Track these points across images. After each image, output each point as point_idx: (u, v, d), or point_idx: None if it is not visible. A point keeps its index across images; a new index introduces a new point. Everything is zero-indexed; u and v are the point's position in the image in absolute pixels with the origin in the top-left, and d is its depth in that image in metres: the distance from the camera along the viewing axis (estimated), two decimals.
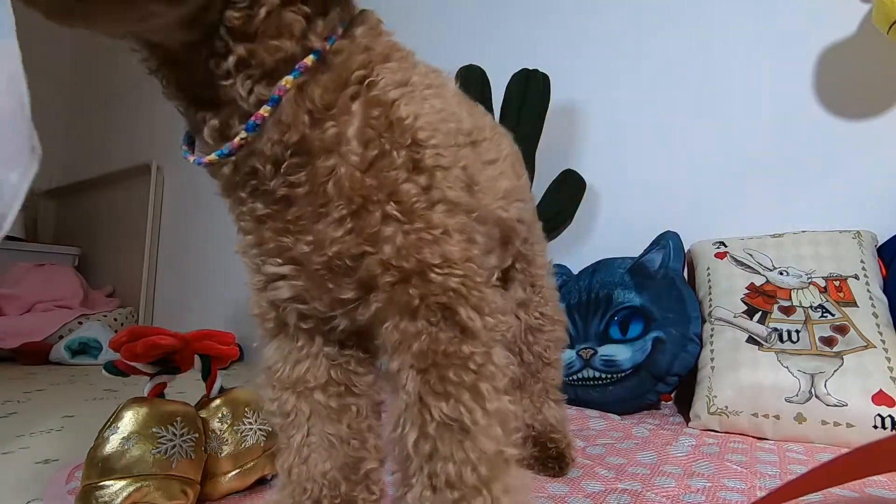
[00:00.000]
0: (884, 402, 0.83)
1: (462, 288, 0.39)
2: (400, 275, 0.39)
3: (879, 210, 1.08)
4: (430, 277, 0.39)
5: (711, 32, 1.30)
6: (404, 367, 0.39)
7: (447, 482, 0.36)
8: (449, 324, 0.39)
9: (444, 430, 0.37)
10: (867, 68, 1.11)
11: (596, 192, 1.41)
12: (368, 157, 0.39)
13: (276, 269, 0.42)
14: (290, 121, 0.38)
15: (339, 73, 0.40)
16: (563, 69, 1.38)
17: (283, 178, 0.39)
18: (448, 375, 0.37)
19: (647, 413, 1.08)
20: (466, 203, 0.43)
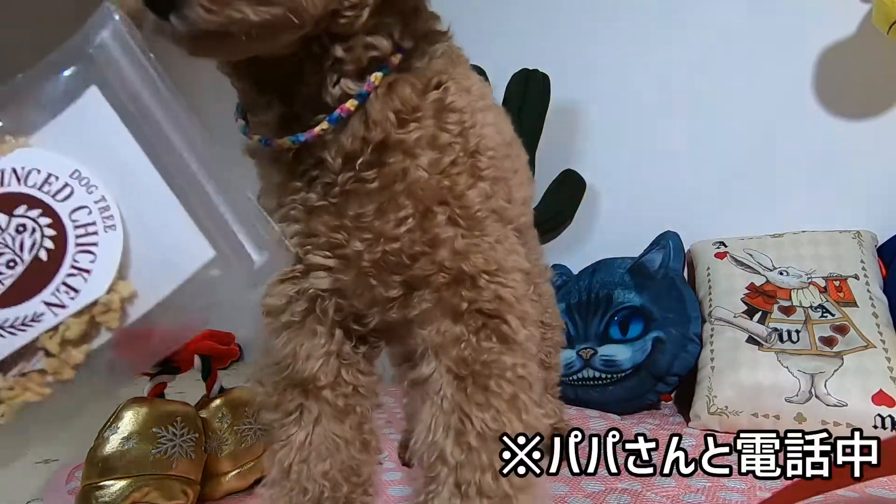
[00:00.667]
0: (884, 402, 0.83)
1: (511, 297, 0.40)
2: (452, 277, 0.40)
3: (879, 210, 1.08)
4: (481, 284, 0.40)
5: (712, 32, 1.30)
6: (441, 373, 0.39)
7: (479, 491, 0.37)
8: (491, 333, 0.40)
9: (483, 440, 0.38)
10: (867, 68, 1.11)
11: (596, 192, 1.41)
12: (443, 163, 0.40)
13: (322, 261, 0.43)
14: (379, 118, 0.39)
15: (423, 75, 0.41)
16: (563, 69, 1.38)
17: (352, 173, 0.40)
18: (490, 385, 0.38)
19: (647, 413, 1.07)
20: (509, 215, 0.44)
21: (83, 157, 0.24)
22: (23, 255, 0.23)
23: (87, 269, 0.22)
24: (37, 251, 0.23)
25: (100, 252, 0.22)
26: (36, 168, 0.23)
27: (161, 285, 0.22)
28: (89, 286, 0.22)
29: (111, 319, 0.22)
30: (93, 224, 0.23)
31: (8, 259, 0.23)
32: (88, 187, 0.23)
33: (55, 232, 0.23)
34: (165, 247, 0.23)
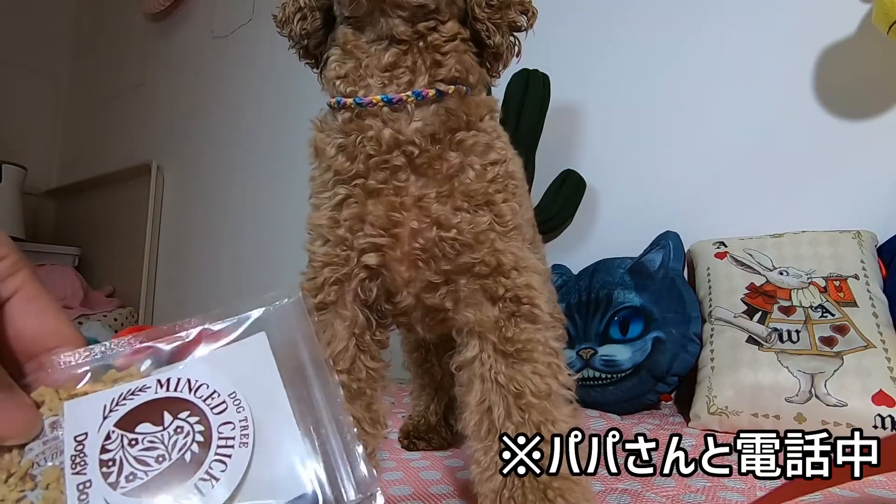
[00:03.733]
0: (884, 402, 0.83)
1: (537, 286, 0.50)
2: (491, 269, 0.49)
3: (879, 210, 1.08)
4: (513, 276, 0.49)
5: (712, 32, 1.30)
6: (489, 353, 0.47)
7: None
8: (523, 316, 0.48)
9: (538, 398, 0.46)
10: (867, 68, 1.11)
11: (596, 192, 1.41)
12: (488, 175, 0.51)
13: (375, 240, 0.49)
14: (455, 111, 0.50)
15: (484, 100, 0.54)
16: (563, 69, 1.38)
17: (425, 156, 0.49)
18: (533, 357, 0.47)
19: (647, 413, 1.07)
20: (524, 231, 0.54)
21: (240, 382, 0.29)
22: (172, 454, 0.26)
23: (217, 476, 0.26)
24: (183, 453, 0.26)
25: (230, 464, 0.26)
26: (205, 383, 0.28)
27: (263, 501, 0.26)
28: (213, 494, 0.25)
29: None
30: (232, 439, 0.27)
31: (158, 454, 0.26)
32: (238, 407, 0.28)
33: (203, 439, 0.27)
34: (276, 471, 0.27)
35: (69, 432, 0.27)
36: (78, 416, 0.27)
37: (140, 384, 0.28)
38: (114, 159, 2.81)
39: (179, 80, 2.62)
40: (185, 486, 0.25)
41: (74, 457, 0.26)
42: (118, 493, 0.25)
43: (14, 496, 0.25)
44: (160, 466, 0.26)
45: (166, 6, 2.59)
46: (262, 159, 2.21)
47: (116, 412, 0.27)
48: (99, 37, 3.13)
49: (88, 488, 0.25)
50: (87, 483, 0.25)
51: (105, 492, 0.25)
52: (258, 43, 2.21)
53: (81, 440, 0.26)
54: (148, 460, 0.26)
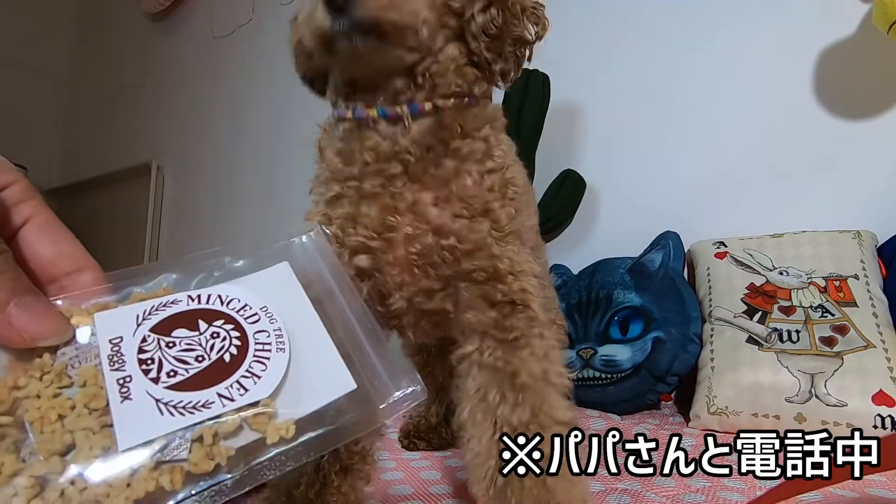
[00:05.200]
0: (884, 402, 0.83)
1: (532, 289, 0.51)
2: (489, 275, 0.50)
3: (879, 210, 1.08)
4: (509, 280, 0.50)
5: (712, 32, 1.30)
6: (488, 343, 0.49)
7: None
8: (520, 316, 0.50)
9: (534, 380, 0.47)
10: (867, 68, 1.11)
11: (596, 192, 1.41)
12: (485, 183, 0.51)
13: (365, 241, 0.50)
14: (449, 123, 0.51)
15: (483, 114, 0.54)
16: (563, 69, 1.38)
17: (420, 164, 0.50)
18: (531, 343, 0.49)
19: (647, 413, 1.07)
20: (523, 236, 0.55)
21: (269, 300, 0.30)
22: (210, 355, 0.27)
23: (259, 374, 0.27)
24: (222, 354, 0.27)
25: (270, 364, 0.27)
26: (237, 298, 0.30)
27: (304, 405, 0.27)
28: (256, 389, 0.26)
29: (260, 423, 0.26)
30: (269, 344, 0.28)
31: (197, 355, 0.27)
32: (271, 319, 0.29)
33: (241, 343, 0.28)
34: (315, 375, 0.28)
35: (103, 336, 0.27)
36: (110, 324, 0.27)
37: (171, 298, 0.29)
38: (114, 159, 2.81)
39: (179, 80, 2.62)
40: (228, 381, 0.26)
41: (112, 356, 0.26)
42: (160, 387, 0.25)
43: (51, 391, 0.25)
44: (200, 365, 0.26)
45: (166, 6, 2.59)
46: (262, 159, 2.21)
47: (150, 320, 0.28)
48: (99, 37, 3.13)
49: (129, 382, 0.25)
50: (128, 378, 0.25)
51: (147, 385, 0.25)
52: (258, 43, 2.21)
53: (117, 343, 0.27)
54: (188, 359, 0.27)
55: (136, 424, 0.24)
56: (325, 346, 0.29)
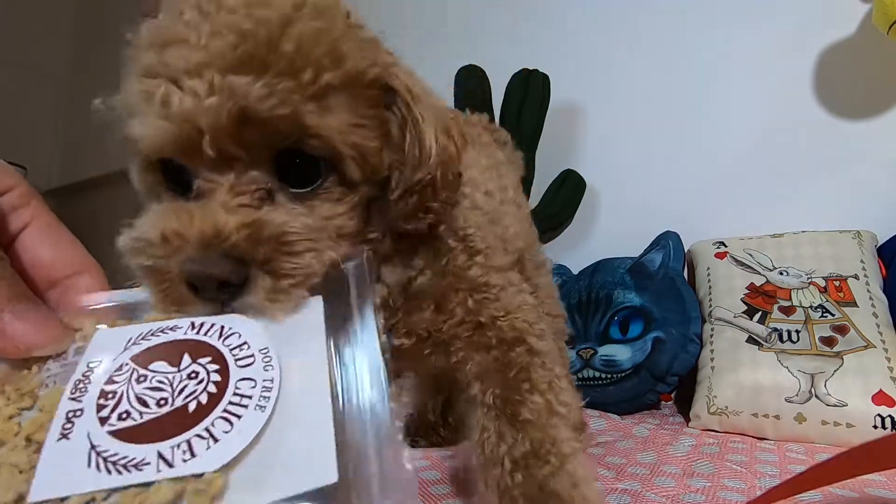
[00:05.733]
0: (884, 402, 0.83)
1: (524, 325, 0.50)
2: (474, 325, 0.49)
3: (879, 210, 1.08)
4: (499, 324, 0.49)
5: (712, 32, 1.30)
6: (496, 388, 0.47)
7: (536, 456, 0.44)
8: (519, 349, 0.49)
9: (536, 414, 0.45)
10: (867, 68, 1.11)
11: (596, 192, 1.41)
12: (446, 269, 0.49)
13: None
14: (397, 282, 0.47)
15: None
16: (563, 69, 1.38)
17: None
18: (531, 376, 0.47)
19: (647, 413, 1.07)
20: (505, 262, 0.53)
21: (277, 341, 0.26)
22: (176, 400, 0.23)
23: (218, 437, 0.22)
24: (189, 401, 0.23)
25: (239, 425, 0.23)
26: (237, 333, 0.26)
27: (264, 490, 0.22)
28: (209, 455, 0.22)
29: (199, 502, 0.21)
30: (249, 398, 0.23)
31: (161, 397, 0.23)
32: (267, 366, 0.25)
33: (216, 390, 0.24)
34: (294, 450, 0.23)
35: (86, 357, 0.25)
36: (102, 344, 0.26)
37: (173, 323, 0.26)
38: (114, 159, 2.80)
39: None
40: (179, 439, 0.22)
41: (78, 382, 0.24)
42: (103, 430, 0.22)
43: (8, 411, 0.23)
44: (159, 411, 0.23)
45: None
46: None
47: (139, 346, 0.25)
48: (99, 37, 3.13)
49: (77, 417, 0.23)
50: (79, 412, 0.23)
51: (91, 425, 0.23)
52: None
53: (93, 367, 0.24)
54: (149, 401, 0.23)
55: (58, 474, 0.21)
56: (321, 415, 0.24)
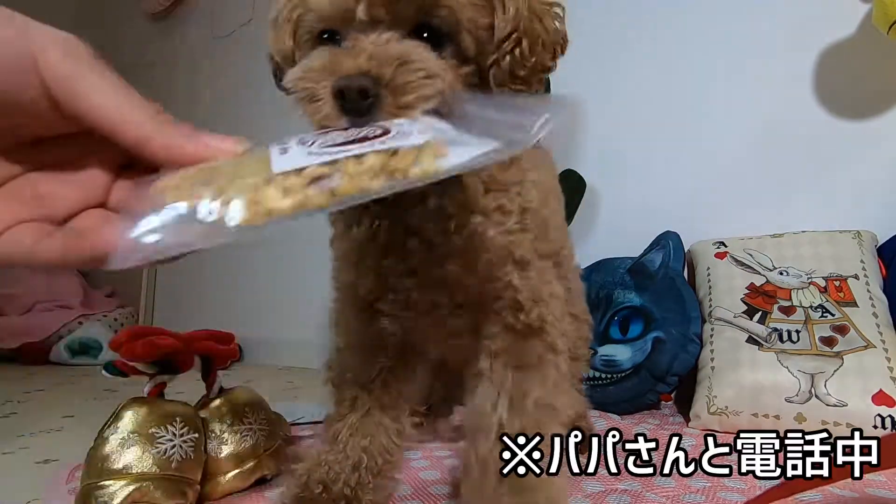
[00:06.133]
0: (884, 402, 0.83)
1: (550, 318, 0.51)
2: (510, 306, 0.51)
3: (879, 210, 1.08)
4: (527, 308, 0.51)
5: (711, 32, 1.30)
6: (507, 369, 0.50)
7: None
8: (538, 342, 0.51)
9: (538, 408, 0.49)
10: (867, 68, 1.11)
11: (596, 192, 1.41)
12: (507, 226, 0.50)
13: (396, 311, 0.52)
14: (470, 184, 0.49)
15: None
16: (563, 69, 1.37)
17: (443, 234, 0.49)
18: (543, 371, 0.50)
19: (647, 413, 1.07)
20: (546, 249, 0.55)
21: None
22: (358, 135, 0.30)
23: (400, 137, 0.29)
24: (369, 135, 0.30)
25: (414, 136, 0.29)
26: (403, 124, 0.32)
27: (451, 158, 0.28)
28: (403, 141, 0.28)
29: (402, 161, 0.27)
30: (413, 131, 0.30)
31: (347, 136, 0.30)
32: (415, 127, 0.31)
33: (385, 130, 0.30)
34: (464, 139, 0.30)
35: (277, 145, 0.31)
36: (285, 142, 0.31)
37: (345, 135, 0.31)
38: None
39: (179, 80, 2.62)
40: (369, 142, 0.28)
41: (280, 149, 0.30)
42: (311, 147, 0.29)
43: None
44: (348, 137, 0.30)
45: (166, 6, 2.59)
46: None
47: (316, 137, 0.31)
48: (99, 37, 3.13)
49: (286, 149, 0.29)
50: (286, 148, 0.30)
51: (300, 146, 0.29)
52: (258, 43, 2.19)
53: (284, 145, 0.30)
54: (338, 139, 0.29)
55: (288, 160, 0.28)
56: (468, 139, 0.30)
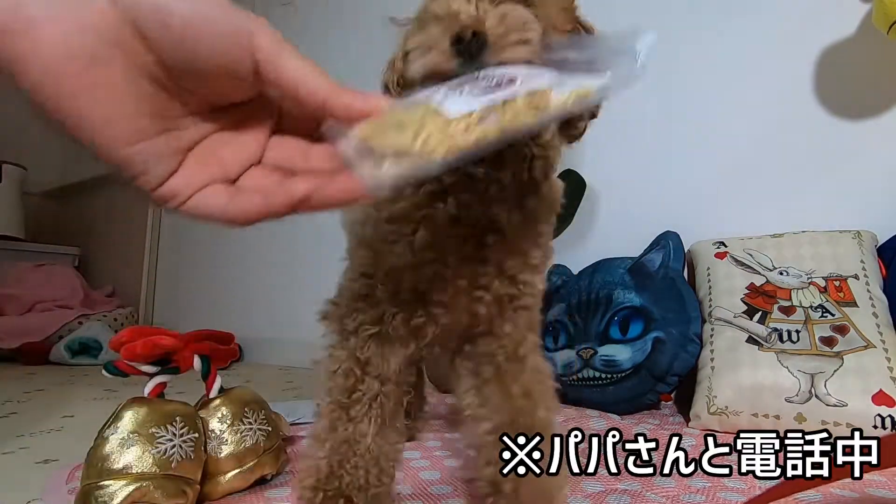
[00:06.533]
0: (884, 402, 0.83)
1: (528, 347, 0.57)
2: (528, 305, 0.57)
3: (879, 210, 1.08)
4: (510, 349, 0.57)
5: (711, 32, 1.30)
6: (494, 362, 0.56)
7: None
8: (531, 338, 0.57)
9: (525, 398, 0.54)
10: (867, 68, 1.11)
11: (596, 192, 1.41)
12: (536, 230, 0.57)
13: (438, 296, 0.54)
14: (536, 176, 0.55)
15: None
16: None
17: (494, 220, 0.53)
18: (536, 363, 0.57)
19: (647, 413, 1.08)
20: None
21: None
22: (492, 84, 0.35)
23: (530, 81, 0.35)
24: (502, 82, 0.35)
25: (538, 80, 0.35)
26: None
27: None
28: (540, 83, 0.34)
29: (541, 99, 0.33)
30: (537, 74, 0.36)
31: (487, 83, 0.35)
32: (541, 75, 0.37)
33: (515, 77, 0.36)
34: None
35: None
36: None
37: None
38: None
39: None
40: (506, 88, 0.34)
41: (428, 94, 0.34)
42: (467, 94, 0.34)
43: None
44: (490, 85, 0.35)
45: None
46: None
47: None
48: None
49: (443, 98, 0.33)
50: (441, 95, 0.34)
51: (455, 93, 0.34)
52: None
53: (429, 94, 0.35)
54: (481, 85, 0.35)
55: (457, 108, 0.32)
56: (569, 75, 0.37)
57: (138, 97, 0.29)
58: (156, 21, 0.27)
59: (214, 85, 0.31)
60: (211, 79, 0.30)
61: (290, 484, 0.67)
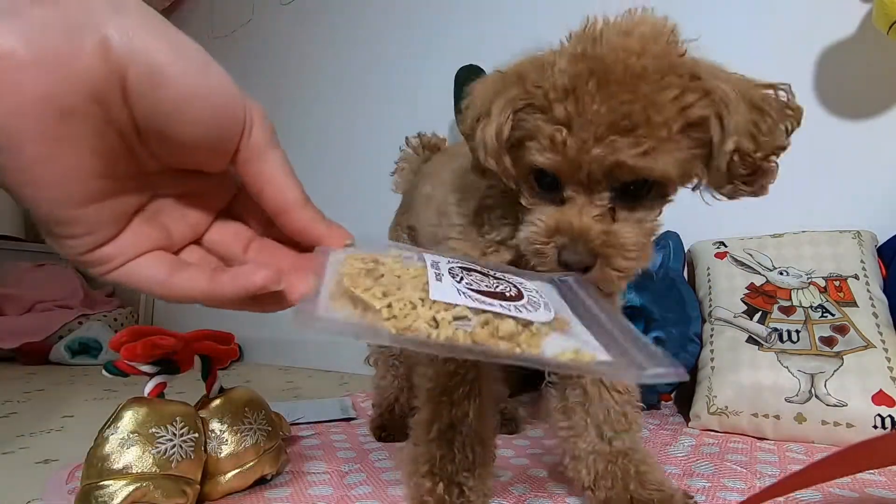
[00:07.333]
0: (884, 402, 0.83)
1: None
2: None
3: (879, 210, 1.08)
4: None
5: (711, 32, 1.29)
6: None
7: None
8: None
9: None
10: (867, 68, 1.11)
11: None
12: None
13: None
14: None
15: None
16: None
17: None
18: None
19: (647, 413, 1.07)
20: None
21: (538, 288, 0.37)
22: (496, 288, 0.34)
23: (533, 309, 0.32)
24: (505, 291, 0.34)
25: (541, 311, 0.33)
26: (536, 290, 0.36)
27: (572, 343, 0.32)
28: (533, 315, 0.32)
29: (530, 337, 0.30)
30: (539, 302, 0.34)
31: (487, 284, 0.34)
32: (541, 295, 0.35)
33: (518, 292, 0.34)
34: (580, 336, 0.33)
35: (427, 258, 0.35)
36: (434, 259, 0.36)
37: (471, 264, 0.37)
38: None
39: None
40: (507, 302, 0.32)
41: (433, 263, 0.34)
42: (462, 285, 0.32)
43: (398, 263, 0.33)
44: (490, 289, 0.33)
45: (166, 6, 2.59)
46: None
47: (457, 263, 0.36)
48: None
49: (440, 275, 0.33)
50: (439, 274, 0.33)
51: (452, 281, 0.33)
52: (258, 43, 2.21)
53: (435, 262, 0.35)
54: (480, 285, 0.33)
55: (442, 291, 0.31)
56: (581, 330, 0.34)
57: (101, 154, 0.26)
58: (148, 84, 0.25)
59: (185, 153, 0.29)
60: (186, 147, 0.28)
61: (291, 484, 0.67)
